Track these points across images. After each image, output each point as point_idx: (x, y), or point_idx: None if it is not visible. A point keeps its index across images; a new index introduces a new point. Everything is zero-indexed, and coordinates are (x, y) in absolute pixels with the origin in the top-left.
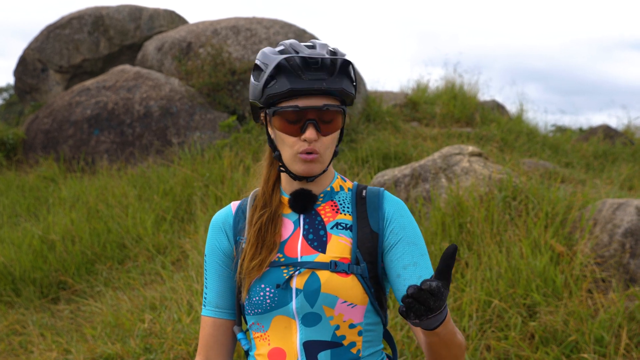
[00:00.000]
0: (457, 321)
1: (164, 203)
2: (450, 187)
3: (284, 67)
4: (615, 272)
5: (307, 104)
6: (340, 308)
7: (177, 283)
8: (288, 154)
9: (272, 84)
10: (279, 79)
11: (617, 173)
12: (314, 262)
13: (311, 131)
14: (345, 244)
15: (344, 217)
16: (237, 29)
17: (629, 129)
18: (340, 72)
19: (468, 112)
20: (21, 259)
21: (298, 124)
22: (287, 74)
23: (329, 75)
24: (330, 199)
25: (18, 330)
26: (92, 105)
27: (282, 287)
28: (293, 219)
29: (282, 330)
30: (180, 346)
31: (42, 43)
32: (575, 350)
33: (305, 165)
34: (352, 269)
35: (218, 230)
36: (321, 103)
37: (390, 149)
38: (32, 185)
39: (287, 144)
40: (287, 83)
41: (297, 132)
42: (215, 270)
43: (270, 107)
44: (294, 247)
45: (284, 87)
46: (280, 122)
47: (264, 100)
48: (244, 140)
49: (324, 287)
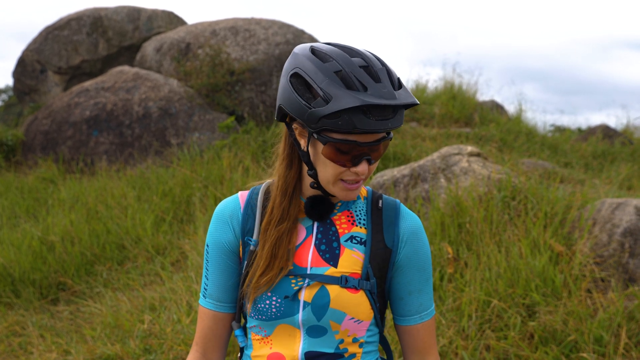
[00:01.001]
0: (456, 321)
1: (163, 204)
2: (449, 187)
3: (353, 108)
4: (615, 272)
5: (366, 140)
6: (347, 324)
7: (176, 284)
8: (329, 177)
9: (327, 111)
10: (343, 114)
11: (616, 173)
12: (324, 275)
13: (364, 165)
14: (357, 259)
15: (359, 230)
16: (235, 30)
17: (628, 129)
18: (401, 111)
19: (467, 113)
20: (20, 260)
21: (350, 154)
22: (354, 113)
23: (394, 114)
24: (346, 208)
25: (18, 332)
26: (91, 106)
27: (290, 299)
28: (306, 225)
29: (286, 337)
30: (180, 347)
31: (41, 44)
32: (574, 350)
33: (348, 193)
34: (362, 284)
35: (223, 223)
36: (378, 138)
37: (390, 149)
38: (32, 186)
39: (332, 171)
40: (354, 124)
41: (348, 163)
42: (217, 263)
43: (319, 132)
44: (304, 256)
45: (349, 127)
46: (330, 151)
47: (316, 126)
48: (243, 141)
49: (333, 303)
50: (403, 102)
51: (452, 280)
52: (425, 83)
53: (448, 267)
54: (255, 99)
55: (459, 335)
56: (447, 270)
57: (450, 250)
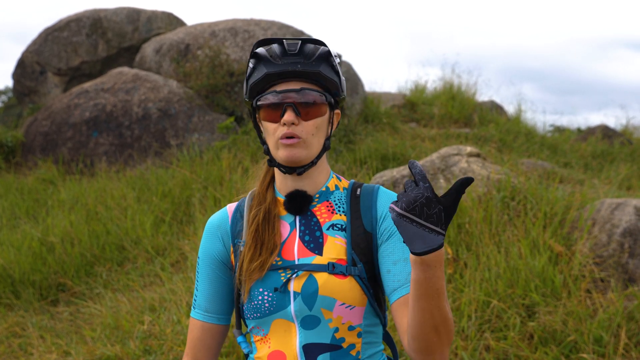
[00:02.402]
0: (456, 322)
1: (163, 205)
2: (448, 187)
3: (262, 55)
4: (614, 272)
5: (284, 88)
6: (338, 310)
7: (176, 284)
8: (272, 143)
9: (253, 75)
10: (258, 67)
11: (616, 173)
12: (311, 264)
13: (289, 113)
14: (341, 245)
15: (339, 217)
16: (235, 31)
17: (627, 129)
18: (319, 58)
19: (466, 113)
20: (20, 261)
21: (278, 109)
22: (265, 61)
23: (306, 60)
24: (325, 199)
25: (18, 333)
26: (91, 107)
27: (280, 291)
28: (289, 221)
29: (282, 333)
30: (180, 347)
31: (41, 45)
32: (574, 350)
33: (288, 151)
34: (349, 270)
35: (212, 235)
36: (299, 86)
37: (389, 150)
38: (31, 187)
39: (270, 132)
40: (264, 69)
41: (278, 118)
42: (207, 275)
43: (256, 102)
44: (290, 249)
45: (261, 73)
46: (263, 112)
47: (249, 94)
48: (242, 141)
49: (322, 290)
50: (308, 44)
51: (452, 281)
52: (425, 83)
53: (447, 268)
54: None
55: (458, 335)
56: (446, 270)
57: (450, 250)
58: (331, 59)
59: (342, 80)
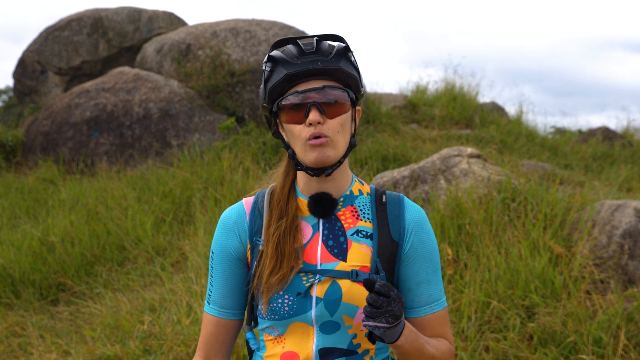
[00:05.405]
0: (455, 322)
1: (164, 205)
2: (449, 188)
3: (279, 58)
4: (614, 274)
5: (306, 87)
6: (359, 317)
7: (176, 285)
8: (299, 146)
9: (272, 78)
10: (276, 70)
11: (616, 175)
12: (335, 270)
13: (314, 113)
14: (365, 252)
15: (365, 224)
16: (236, 31)
17: (628, 131)
18: (338, 55)
19: (467, 114)
20: (21, 261)
21: (302, 110)
22: (283, 63)
23: (324, 57)
24: (350, 203)
25: (17, 332)
26: (92, 107)
27: (302, 295)
28: (312, 223)
29: (299, 335)
30: (180, 347)
31: (41, 45)
32: (573, 351)
33: (317, 152)
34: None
35: (229, 230)
36: (321, 84)
37: (390, 151)
38: (32, 187)
39: (296, 134)
40: (283, 70)
41: (302, 119)
42: (222, 270)
43: (277, 107)
44: (313, 253)
45: (281, 75)
46: (285, 115)
47: (269, 98)
48: (243, 142)
49: (345, 297)
50: (325, 42)
51: (452, 282)
52: (426, 85)
53: (448, 269)
54: (255, 100)
55: (458, 336)
56: (446, 271)
57: (450, 251)
58: (349, 54)
59: (361, 76)
